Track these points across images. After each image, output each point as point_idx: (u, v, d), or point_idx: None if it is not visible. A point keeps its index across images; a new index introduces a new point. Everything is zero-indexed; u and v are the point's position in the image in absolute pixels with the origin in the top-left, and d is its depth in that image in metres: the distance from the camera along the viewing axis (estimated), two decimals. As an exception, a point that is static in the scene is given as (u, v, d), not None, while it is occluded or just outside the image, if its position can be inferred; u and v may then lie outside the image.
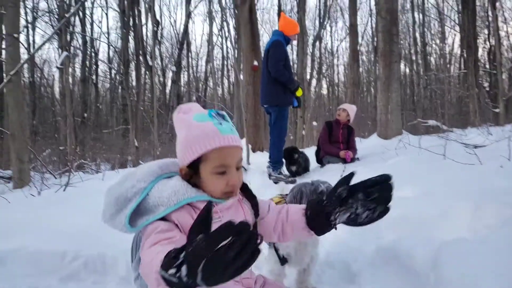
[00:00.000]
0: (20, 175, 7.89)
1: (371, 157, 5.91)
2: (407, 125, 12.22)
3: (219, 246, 0.76)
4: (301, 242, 2.08)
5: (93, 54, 25.43)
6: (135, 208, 1.19)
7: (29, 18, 21.89)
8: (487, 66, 21.87)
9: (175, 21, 51.48)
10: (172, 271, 0.81)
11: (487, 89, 21.21)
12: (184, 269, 0.79)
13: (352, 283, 2.01)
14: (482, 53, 22.07)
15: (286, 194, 2.34)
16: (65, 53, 14.31)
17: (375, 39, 21.40)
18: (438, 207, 2.43)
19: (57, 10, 20.19)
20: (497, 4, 17.96)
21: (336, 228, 1.15)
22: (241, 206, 1.27)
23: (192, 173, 1.21)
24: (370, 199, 1.07)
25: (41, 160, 9.81)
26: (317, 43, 25.98)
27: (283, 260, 2.10)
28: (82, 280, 1.12)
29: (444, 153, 4.14)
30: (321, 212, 1.16)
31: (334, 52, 29.82)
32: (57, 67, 18.40)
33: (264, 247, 2.32)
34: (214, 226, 1.10)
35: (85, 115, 23.25)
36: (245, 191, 1.33)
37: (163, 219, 1.17)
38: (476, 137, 5.70)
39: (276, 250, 2.11)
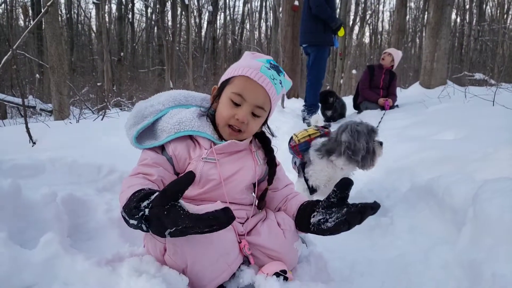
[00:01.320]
0: (60, 107, 8.20)
1: (412, 104, 5.63)
2: (451, 77, 11.45)
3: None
4: (331, 177, 2.04)
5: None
6: (145, 126, 1.23)
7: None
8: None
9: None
10: (133, 222, 0.92)
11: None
12: (144, 226, 0.91)
13: (384, 217, 1.97)
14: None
15: (323, 126, 2.26)
16: (101, -13, 14.11)
17: (427, -18, 19.51)
18: (481, 150, 2.29)
19: None
20: None
21: (312, 232, 1.16)
22: (252, 156, 1.30)
23: (218, 94, 1.26)
24: (345, 212, 1.06)
25: (80, 96, 10.10)
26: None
27: (311, 190, 2.08)
28: (117, 192, 1.18)
29: (493, 99, 3.84)
30: (309, 213, 1.18)
31: (380, -4, 27.74)
32: (94, 2, 18.33)
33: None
34: (207, 166, 1.18)
35: (122, 54, 23.37)
36: (264, 145, 1.35)
37: (163, 147, 1.22)
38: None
39: (306, 180, 2.09)
